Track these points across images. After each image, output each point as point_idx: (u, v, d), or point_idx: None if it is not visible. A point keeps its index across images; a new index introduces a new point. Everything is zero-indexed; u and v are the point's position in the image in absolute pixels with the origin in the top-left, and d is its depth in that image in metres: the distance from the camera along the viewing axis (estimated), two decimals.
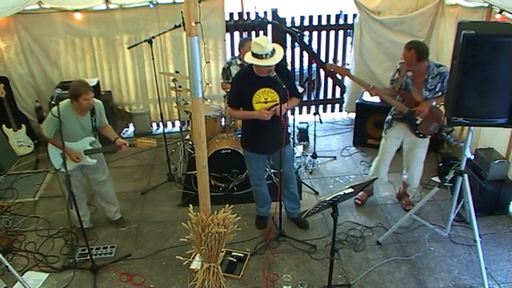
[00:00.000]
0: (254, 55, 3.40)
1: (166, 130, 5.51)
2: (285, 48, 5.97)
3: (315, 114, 5.40)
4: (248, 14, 5.82)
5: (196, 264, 3.47)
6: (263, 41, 3.39)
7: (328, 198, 2.86)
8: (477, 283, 3.47)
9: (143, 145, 3.87)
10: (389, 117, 4.10)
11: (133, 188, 4.95)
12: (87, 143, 3.77)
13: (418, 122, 3.87)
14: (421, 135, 3.92)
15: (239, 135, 4.49)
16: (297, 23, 5.93)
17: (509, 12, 4.07)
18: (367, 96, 5.58)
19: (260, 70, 3.51)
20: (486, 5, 4.46)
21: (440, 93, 3.79)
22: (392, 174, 4.53)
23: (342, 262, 3.74)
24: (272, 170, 4.85)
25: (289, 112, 4.14)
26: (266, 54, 3.36)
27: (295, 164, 5.04)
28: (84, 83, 3.62)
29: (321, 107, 6.58)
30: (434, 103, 3.80)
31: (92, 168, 3.89)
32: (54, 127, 3.49)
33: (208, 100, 5.37)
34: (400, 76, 3.89)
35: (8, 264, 3.20)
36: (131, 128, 6.37)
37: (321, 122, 5.56)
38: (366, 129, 5.55)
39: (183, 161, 5.21)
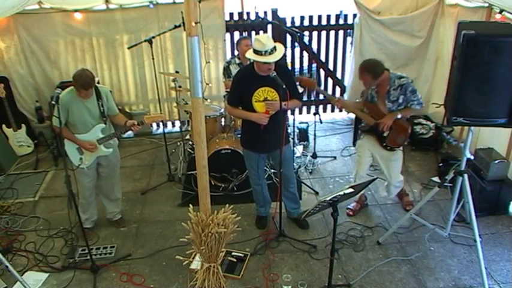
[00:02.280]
0: (255, 51, 3.42)
1: (166, 130, 5.52)
2: (285, 48, 5.97)
3: (315, 114, 5.40)
4: (248, 14, 5.82)
5: (196, 264, 3.47)
6: (264, 38, 3.40)
7: (328, 198, 2.87)
8: (477, 283, 3.47)
9: (151, 120, 3.91)
10: (359, 130, 4.16)
11: (133, 188, 4.95)
12: (98, 131, 3.75)
13: (385, 135, 3.88)
14: (389, 147, 3.93)
15: (239, 135, 4.49)
16: (297, 23, 5.93)
17: (509, 12, 4.07)
18: None
19: (260, 68, 3.52)
20: (486, 5, 4.46)
21: (404, 105, 3.77)
22: None
23: (342, 262, 3.74)
24: (272, 170, 4.85)
25: (289, 112, 4.14)
26: (266, 51, 3.37)
27: (295, 164, 5.04)
28: (86, 79, 3.50)
29: (321, 107, 6.58)
30: (399, 115, 3.79)
31: (107, 161, 3.91)
32: (64, 114, 3.54)
33: (208, 100, 5.37)
34: (366, 88, 3.95)
35: (8, 264, 3.21)
36: None
37: (321, 122, 5.56)
38: None
39: (183, 161, 5.21)
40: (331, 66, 6.32)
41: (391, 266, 3.68)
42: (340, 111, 6.56)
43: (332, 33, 6.12)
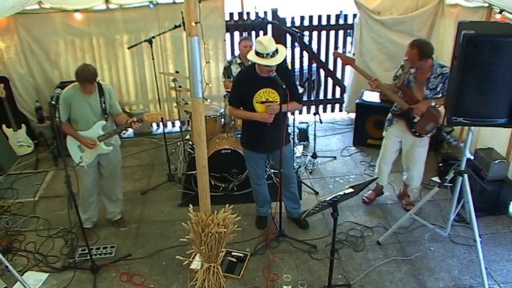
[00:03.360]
0: (256, 53, 3.42)
1: (166, 130, 5.52)
2: (285, 48, 5.97)
3: (315, 114, 5.41)
4: (248, 14, 5.82)
5: (196, 264, 3.47)
6: (266, 41, 3.40)
7: (328, 198, 2.87)
8: (477, 283, 3.47)
9: (150, 118, 3.90)
10: (389, 115, 4.13)
11: (133, 188, 4.95)
12: (99, 128, 3.76)
13: (415, 121, 3.87)
14: (417, 133, 3.93)
15: (239, 135, 4.49)
16: (297, 23, 5.93)
17: (509, 12, 4.07)
18: (367, 96, 5.58)
19: (261, 69, 3.52)
20: (486, 5, 4.46)
21: (440, 94, 3.79)
22: (392, 174, 4.52)
23: (342, 262, 3.74)
24: (272, 170, 4.85)
25: (289, 112, 4.14)
26: (267, 54, 3.37)
27: (295, 164, 5.04)
28: (90, 72, 3.53)
29: (321, 107, 6.58)
30: (433, 103, 3.80)
31: (107, 160, 3.91)
32: (66, 110, 3.59)
33: (208, 100, 5.37)
34: (403, 73, 3.91)
35: (8, 264, 3.21)
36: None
37: (321, 122, 5.56)
38: (366, 129, 5.55)
39: (183, 161, 5.21)
40: (331, 66, 6.32)
41: (391, 266, 3.68)
42: (340, 109, 6.55)
43: (332, 33, 6.12)
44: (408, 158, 4.16)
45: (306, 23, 5.97)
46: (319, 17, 5.97)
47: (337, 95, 6.55)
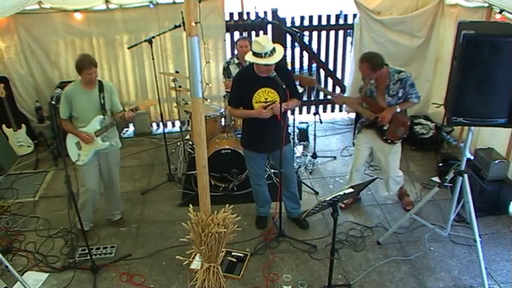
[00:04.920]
0: (254, 54, 3.42)
1: (166, 130, 5.52)
2: (285, 48, 5.97)
3: (315, 114, 5.40)
4: (248, 14, 5.83)
5: (196, 264, 3.47)
6: (263, 40, 3.40)
7: (328, 198, 2.87)
8: (477, 283, 3.46)
9: (145, 106, 4.02)
10: (358, 124, 4.22)
11: (133, 188, 4.95)
12: (97, 123, 3.77)
13: (385, 128, 3.93)
14: (389, 141, 3.98)
15: (239, 135, 4.49)
16: (297, 23, 5.93)
17: (509, 12, 4.07)
18: None
19: (260, 69, 3.52)
20: (486, 5, 4.46)
21: (403, 99, 3.84)
22: None
23: (342, 262, 3.74)
24: (272, 170, 4.85)
25: (289, 112, 4.14)
26: (265, 53, 3.37)
27: (295, 164, 5.04)
28: (89, 57, 3.66)
29: (321, 107, 6.58)
30: (398, 109, 3.85)
31: (106, 158, 3.91)
32: (67, 106, 3.64)
33: (208, 100, 5.37)
34: (364, 84, 4.02)
35: (8, 264, 3.21)
36: (131, 128, 6.37)
37: (321, 122, 5.56)
38: None
39: (183, 161, 5.21)
40: (331, 66, 6.32)
41: (391, 266, 3.68)
42: (340, 109, 6.58)
43: (332, 33, 6.12)
44: (382, 165, 4.21)
45: (306, 23, 5.97)
46: (319, 17, 5.97)
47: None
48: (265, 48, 3.37)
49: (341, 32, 6.10)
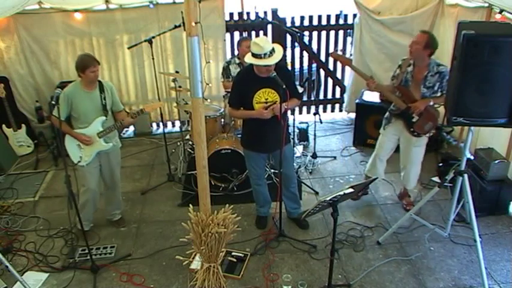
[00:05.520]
0: (253, 55, 3.42)
1: (166, 130, 5.52)
2: (285, 48, 5.98)
3: (315, 114, 5.40)
4: (248, 14, 5.82)
5: (196, 264, 3.47)
6: (262, 41, 3.40)
7: (328, 198, 2.87)
8: (477, 283, 3.47)
9: (150, 109, 4.07)
10: (387, 113, 4.14)
11: (133, 188, 4.95)
12: (99, 125, 3.76)
13: (413, 120, 3.88)
14: (416, 133, 3.93)
15: (239, 135, 4.49)
16: (297, 23, 5.93)
17: (509, 12, 4.07)
18: (367, 96, 5.58)
19: (260, 70, 3.52)
20: (486, 5, 4.46)
21: (439, 93, 3.79)
22: (392, 174, 4.53)
23: (342, 262, 3.74)
24: (272, 170, 4.85)
25: (289, 112, 4.14)
26: (265, 54, 3.38)
27: (295, 164, 5.04)
28: (90, 56, 3.69)
29: (321, 107, 6.58)
30: (431, 103, 3.80)
31: (107, 159, 3.91)
32: (67, 107, 3.62)
33: (208, 100, 5.37)
34: (400, 72, 3.93)
35: (8, 264, 3.21)
36: (131, 128, 6.37)
37: (321, 122, 5.56)
38: (366, 129, 5.54)
39: (183, 161, 5.21)
40: (331, 66, 6.32)
41: (391, 266, 3.68)
42: (340, 109, 6.56)
43: (332, 33, 6.12)
44: (405, 157, 4.17)
45: (306, 23, 5.97)
46: (319, 17, 5.97)
47: (337, 95, 6.55)
48: (264, 49, 3.37)
49: (341, 32, 6.09)
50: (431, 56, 3.74)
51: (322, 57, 6.23)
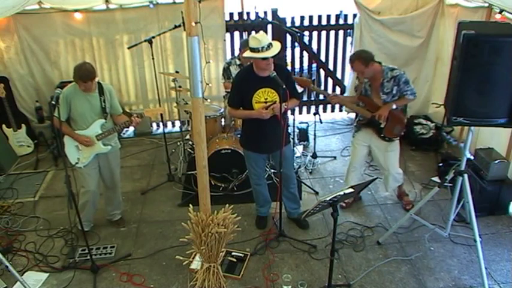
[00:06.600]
0: (251, 49, 3.44)
1: (166, 130, 5.52)
2: (285, 48, 5.98)
3: (315, 114, 5.40)
4: (248, 14, 5.82)
5: (196, 264, 3.47)
6: (259, 35, 3.45)
7: (328, 198, 2.87)
8: (477, 283, 3.47)
9: (151, 114, 4.05)
10: (355, 123, 4.23)
11: (133, 188, 4.95)
12: (98, 127, 3.75)
13: (382, 126, 3.93)
14: (387, 138, 3.98)
15: (239, 135, 4.48)
16: (297, 23, 5.93)
17: (509, 12, 4.07)
18: None
19: (259, 66, 3.52)
20: (486, 5, 4.46)
21: (397, 96, 3.85)
22: None
23: (342, 262, 3.74)
24: (272, 170, 4.85)
25: (289, 112, 4.15)
26: (262, 47, 3.39)
27: (295, 164, 5.04)
28: (89, 70, 3.52)
29: (321, 107, 6.58)
30: (394, 106, 3.87)
31: (107, 160, 3.90)
32: (66, 108, 3.60)
33: (208, 100, 5.37)
34: (359, 83, 4.05)
35: (8, 264, 3.20)
36: (131, 128, 6.36)
37: (321, 122, 5.56)
38: None
39: (183, 161, 5.21)
40: (331, 66, 6.32)
41: (391, 266, 3.68)
42: (340, 109, 6.57)
43: (332, 33, 6.12)
44: (380, 164, 4.20)
45: (306, 23, 5.97)
46: (319, 17, 5.97)
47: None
48: (262, 43, 3.39)
49: (341, 32, 6.10)
50: (374, 65, 3.79)
51: (322, 57, 6.23)
